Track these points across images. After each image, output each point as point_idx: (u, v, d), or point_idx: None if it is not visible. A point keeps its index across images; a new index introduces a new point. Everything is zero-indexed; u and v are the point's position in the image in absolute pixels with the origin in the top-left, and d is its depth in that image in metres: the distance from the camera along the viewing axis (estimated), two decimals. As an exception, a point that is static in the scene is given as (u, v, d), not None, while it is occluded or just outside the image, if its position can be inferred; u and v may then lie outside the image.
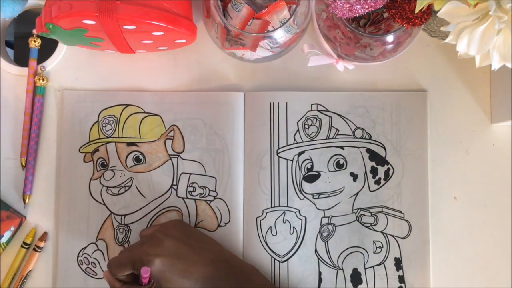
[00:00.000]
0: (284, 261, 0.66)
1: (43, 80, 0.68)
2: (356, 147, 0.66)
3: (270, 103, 0.67)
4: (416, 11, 0.51)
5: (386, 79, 0.69)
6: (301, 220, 0.66)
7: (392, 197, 0.66)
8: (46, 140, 0.68)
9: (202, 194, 0.66)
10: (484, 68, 0.66)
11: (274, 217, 0.66)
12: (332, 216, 0.66)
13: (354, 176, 0.66)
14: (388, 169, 0.66)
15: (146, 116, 0.68)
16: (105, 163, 0.67)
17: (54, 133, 0.69)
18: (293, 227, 0.66)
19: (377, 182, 0.66)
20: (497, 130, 0.68)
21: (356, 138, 0.66)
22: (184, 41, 0.63)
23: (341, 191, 0.66)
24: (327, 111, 0.67)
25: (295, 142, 0.67)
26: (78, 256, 0.66)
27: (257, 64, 0.68)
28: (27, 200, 0.67)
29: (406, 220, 0.66)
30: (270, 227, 0.66)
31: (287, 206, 0.66)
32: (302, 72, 0.69)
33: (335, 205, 0.66)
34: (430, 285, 0.65)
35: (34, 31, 0.68)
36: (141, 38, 0.62)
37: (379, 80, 0.69)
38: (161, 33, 0.60)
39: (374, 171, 0.66)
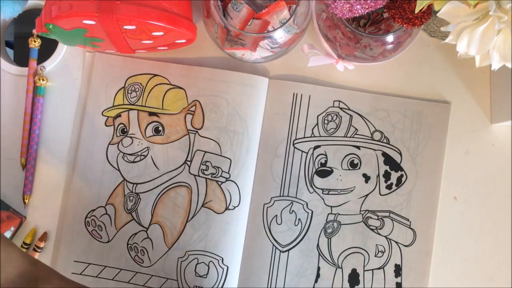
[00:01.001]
0: (285, 251, 0.66)
1: (43, 80, 0.68)
2: (373, 149, 0.66)
3: (294, 93, 0.67)
4: (416, 11, 0.51)
5: (387, 80, 0.69)
6: (308, 213, 0.66)
7: (401, 203, 0.66)
8: (46, 140, 0.68)
9: (214, 174, 0.66)
10: (484, 68, 0.66)
11: (281, 206, 0.66)
12: (338, 214, 0.66)
13: (367, 178, 0.66)
14: (402, 175, 0.66)
15: (171, 88, 0.68)
16: (125, 130, 0.67)
17: (54, 132, 0.69)
18: (299, 219, 0.66)
19: (389, 187, 0.66)
20: (497, 130, 0.68)
21: (374, 140, 0.66)
22: (184, 41, 0.63)
23: (352, 190, 0.66)
24: (349, 109, 0.67)
25: (313, 135, 0.67)
26: (86, 217, 0.67)
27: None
28: (27, 200, 0.67)
29: (411, 229, 0.66)
30: (276, 215, 0.66)
31: (295, 197, 0.66)
32: (302, 73, 0.68)
33: (344, 203, 0.66)
34: None
35: (34, 31, 0.68)
36: (141, 38, 0.62)
37: (379, 81, 0.69)
38: (161, 33, 0.60)
39: (387, 176, 0.66)
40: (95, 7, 0.56)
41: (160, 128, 0.67)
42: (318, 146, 0.67)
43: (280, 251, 0.66)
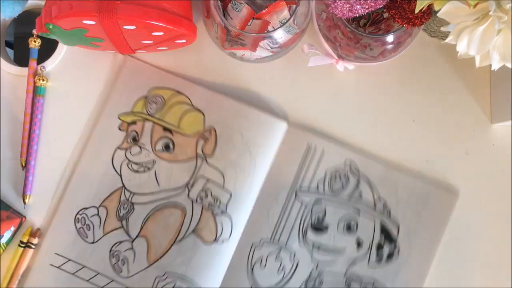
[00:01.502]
0: None
1: (43, 80, 0.68)
2: (372, 217, 0.66)
3: (308, 144, 0.67)
4: (416, 11, 0.51)
5: (387, 80, 0.69)
6: (293, 264, 0.66)
7: (387, 277, 0.65)
8: (46, 140, 0.68)
9: (211, 203, 0.66)
10: (484, 68, 0.66)
11: (268, 250, 0.66)
12: (323, 272, 0.65)
13: (359, 243, 0.65)
14: (394, 250, 0.65)
15: (191, 109, 0.68)
16: (136, 138, 0.67)
17: (54, 132, 0.69)
18: (283, 267, 0.65)
19: (378, 260, 0.65)
20: (497, 130, 0.68)
21: (376, 209, 0.66)
22: (184, 41, 0.63)
23: (342, 252, 0.65)
24: (358, 172, 0.66)
25: (317, 189, 0.66)
26: (77, 214, 0.66)
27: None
28: (27, 200, 0.67)
29: None
30: (262, 258, 0.66)
31: (285, 245, 0.66)
32: (302, 72, 0.68)
33: (331, 262, 0.65)
34: None
35: (34, 31, 0.68)
36: (141, 38, 0.62)
37: (379, 79, 0.69)
38: (161, 33, 0.60)
39: (379, 247, 0.65)
40: (95, 7, 0.56)
41: (171, 145, 0.67)
42: (319, 201, 0.66)
43: None
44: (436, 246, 0.66)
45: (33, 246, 0.66)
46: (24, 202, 0.67)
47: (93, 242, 0.66)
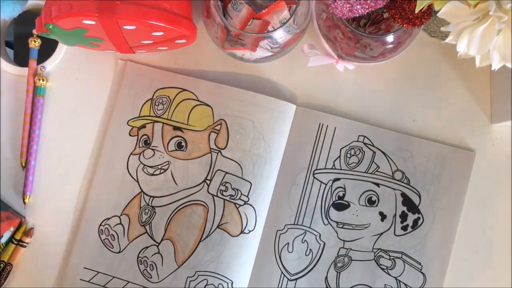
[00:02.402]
0: (293, 279, 0.65)
1: (43, 80, 0.68)
2: (392, 188, 0.66)
3: (319, 124, 0.67)
4: (416, 11, 0.51)
5: (387, 80, 0.69)
6: (320, 244, 0.65)
7: (415, 246, 0.65)
8: (46, 140, 0.68)
9: (233, 196, 0.66)
10: (484, 68, 0.66)
11: (294, 234, 0.66)
12: (350, 249, 0.65)
13: (383, 216, 0.65)
14: (418, 218, 0.65)
15: (198, 105, 0.67)
16: (148, 141, 0.67)
17: (54, 132, 0.69)
18: (310, 249, 0.65)
19: (404, 228, 0.65)
20: (497, 130, 0.68)
21: (395, 179, 0.66)
22: (184, 41, 0.63)
23: (366, 227, 0.65)
24: (373, 145, 0.66)
25: (334, 167, 0.66)
26: (100, 225, 0.66)
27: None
28: (27, 200, 0.67)
29: (422, 273, 0.65)
30: (288, 243, 0.65)
31: (309, 227, 0.66)
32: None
33: (357, 239, 0.65)
34: None
35: (34, 31, 0.68)
36: (141, 38, 0.62)
37: (379, 79, 0.69)
38: (161, 33, 0.60)
39: (403, 217, 0.65)
40: (95, 7, 0.56)
41: (183, 144, 0.67)
42: (338, 179, 0.66)
43: (288, 279, 0.65)
44: (460, 207, 0.65)
45: (25, 245, 0.66)
46: (24, 202, 0.67)
47: (119, 252, 0.66)
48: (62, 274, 0.66)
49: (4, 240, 0.65)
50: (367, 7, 0.55)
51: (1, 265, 0.65)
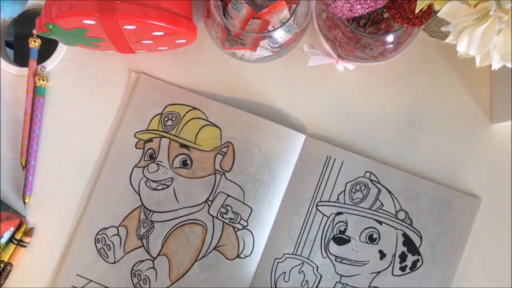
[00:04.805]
0: None
1: (43, 80, 0.68)
2: (394, 227, 0.65)
3: (327, 156, 0.66)
4: (416, 11, 0.51)
5: (388, 80, 0.69)
6: (317, 277, 0.65)
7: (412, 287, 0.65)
8: (46, 140, 0.68)
9: (232, 219, 0.66)
10: (484, 68, 0.66)
11: (292, 264, 0.65)
12: (347, 285, 0.65)
13: (382, 254, 0.65)
14: (418, 260, 0.65)
15: (207, 125, 0.67)
16: (154, 156, 0.67)
17: (54, 132, 0.69)
18: (306, 281, 0.65)
19: (402, 269, 0.65)
20: (497, 130, 0.68)
21: (397, 219, 0.65)
22: (184, 41, 0.63)
23: (365, 264, 0.65)
24: (378, 183, 0.66)
25: (338, 201, 0.66)
26: (97, 234, 0.66)
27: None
28: (27, 200, 0.67)
29: None
30: (285, 272, 0.65)
31: (307, 259, 0.65)
32: (303, 72, 0.68)
33: (354, 275, 0.65)
34: None
35: (34, 31, 0.68)
36: (141, 38, 0.62)
37: (379, 79, 0.69)
38: (161, 33, 0.60)
39: (403, 257, 0.65)
40: (95, 7, 0.56)
41: (188, 162, 0.66)
42: (341, 213, 0.66)
43: None
44: (460, 253, 0.65)
45: (25, 245, 0.66)
46: (24, 202, 0.67)
47: (114, 262, 0.66)
48: (54, 279, 0.66)
49: (4, 240, 0.65)
50: (367, 7, 0.55)
51: (1, 265, 0.65)
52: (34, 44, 0.69)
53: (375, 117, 0.68)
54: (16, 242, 0.66)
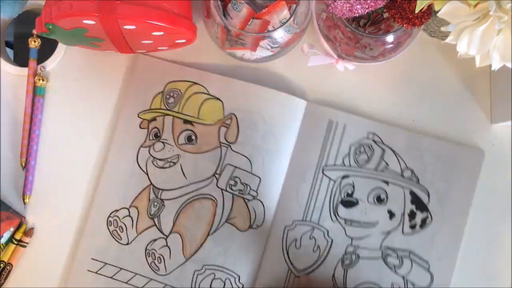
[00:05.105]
0: (300, 276, 0.65)
1: (43, 80, 0.68)
2: (401, 186, 0.65)
3: (329, 120, 0.66)
4: (416, 11, 0.51)
5: (388, 80, 0.69)
6: (328, 241, 0.65)
7: (423, 245, 0.65)
8: (46, 140, 0.68)
9: (242, 190, 0.66)
10: (484, 68, 0.66)
11: (302, 230, 0.65)
12: (358, 247, 0.65)
13: (391, 214, 0.65)
14: (427, 217, 0.65)
15: (209, 98, 0.67)
16: (158, 134, 0.67)
17: (54, 132, 0.69)
18: (318, 246, 0.65)
19: (412, 226, 0.65)
20: (497, 130, 0.68)
21: (404, 178, 0.65)
22: (184, 41, 0.63)
23: (375, 225, 0.65)
24: (382, 143, 0.66)
25: (343, 164, 0.66)
26: (108, 217, 0.66)
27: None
28: (27, 200, 0.67)
29: (430, 272, 0.64)
30: (296, 239, 0.65)
31: (317, 224, 0.65)
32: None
33: (365, 237, 0.65)
34: None
35: (34, 31, 0.68)
36: (141, 38, 0.62)
37: (379, 80, 0.69)
38: (161, 33, 0.60)
39: (412, 215, 0.65)
40: (95, 7, 0.56)
41: (193, 137, 0.67)
42: (347, 176, 0.66)
43: (295, 275, 0.65)
44: (468, 206, 0.65)
45: (25, 245, 0.66)
46: (24, 202, 0.67)
47: (127, 244, 0.66)
48: (69, 264, 0.66)
49: (4, 240, 0.65)
50: (367, 7, 0.55)
51: (1, 265, 0.65)
52: (34, 44, 0.69)
53: (375, 117, 0.68)
54: (16, 242, 0.66)
